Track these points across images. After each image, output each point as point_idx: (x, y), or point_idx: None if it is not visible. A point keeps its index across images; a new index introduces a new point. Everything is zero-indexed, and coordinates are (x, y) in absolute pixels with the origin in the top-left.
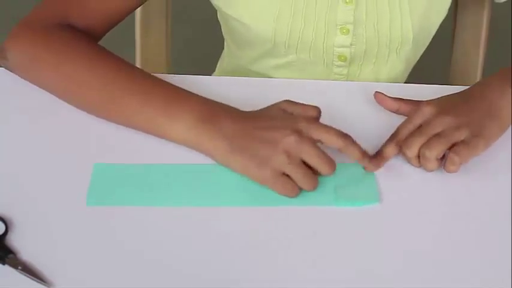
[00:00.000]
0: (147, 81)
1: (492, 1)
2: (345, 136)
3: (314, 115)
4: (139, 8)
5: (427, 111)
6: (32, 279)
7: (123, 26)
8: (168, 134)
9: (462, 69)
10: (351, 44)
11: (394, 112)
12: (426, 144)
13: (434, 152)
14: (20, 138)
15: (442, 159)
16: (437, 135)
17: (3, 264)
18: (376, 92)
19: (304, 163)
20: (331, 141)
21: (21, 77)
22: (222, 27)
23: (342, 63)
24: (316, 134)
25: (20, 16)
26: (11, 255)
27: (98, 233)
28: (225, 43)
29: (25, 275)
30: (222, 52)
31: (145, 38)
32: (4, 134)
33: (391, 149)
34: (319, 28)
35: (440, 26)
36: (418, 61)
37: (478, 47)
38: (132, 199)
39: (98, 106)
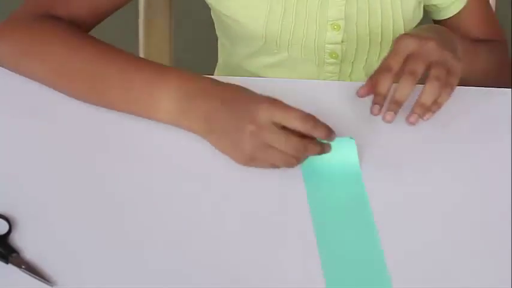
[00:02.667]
0: (126, 64)
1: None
2: (308, 118)
3: (301, 128)
4: (142, 8)
5: (410, 41)
6: (35, 278)
7: (127, 26)
8: (150, 116)
9: None
10: (342, 41)
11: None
12: (433, 76)
13: (442, 82)
14: (23, 138)
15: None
16: (434, 65)
17: (7, 263)
18: (357, 93)
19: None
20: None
21: (12, 71)
22: (215, 25)
23: (334, 60)
24: (278, 117)
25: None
26: (14, 255)
27: (101, 233)
28: (219, 41)
29: (28, 274)
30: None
31: (148, 37)
32: (7, 133)
33: (387, 81)
34: (310, 25)
35: None
36: None
37: None
38: None
39: (84, 94)
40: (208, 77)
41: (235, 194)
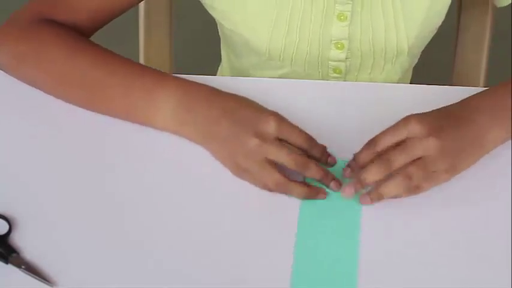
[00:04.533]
0: (126, 71)
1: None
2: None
3: (302, 144)
4: (142, 7)
5: (414, 129)
6: (35, 278)
7: (127, 26)
8: (150, 124)
9: (465, 70)
10: (346, 58)
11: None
12: (405, 172)
13: (411, 184)
14: (23, 138)
15: None
16: (416, 163)
17: (7, 263)
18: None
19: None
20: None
21: (11, 75)
22: (219, 30)
23: (338, 75)
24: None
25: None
26: (14, 255)
27: (101, 233)
28: (222, 46)
29: (28, 274)
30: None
31: (148, 37)
32: (6, 133)
33: (366, 157)
34: (313, 43)
35: (444, 27)
36: (421, 62)
37: (481, 49)
38: None
39: (81, 101)
40: (208, 86)
41: (236, 194)
